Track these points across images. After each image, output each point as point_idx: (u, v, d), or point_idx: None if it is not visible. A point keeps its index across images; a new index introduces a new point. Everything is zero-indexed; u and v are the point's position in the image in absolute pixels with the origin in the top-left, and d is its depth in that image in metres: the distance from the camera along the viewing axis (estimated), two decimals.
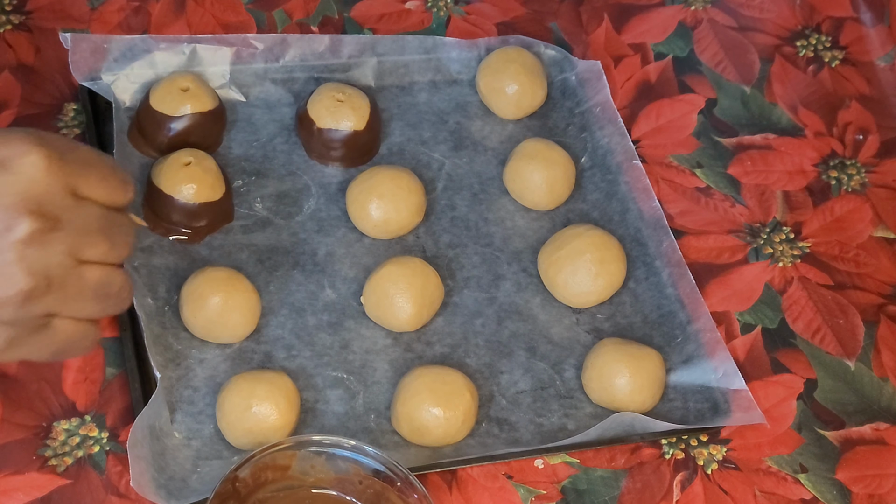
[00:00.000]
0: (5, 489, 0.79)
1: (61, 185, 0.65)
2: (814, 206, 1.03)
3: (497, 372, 0.89)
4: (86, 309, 0.68)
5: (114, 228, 0.68)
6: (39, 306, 0.65)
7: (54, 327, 0.67)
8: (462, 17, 1.11)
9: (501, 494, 0.84)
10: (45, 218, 0.64)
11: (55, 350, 0.68)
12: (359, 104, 0.97)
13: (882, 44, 1.16)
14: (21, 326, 0.65)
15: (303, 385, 0.86)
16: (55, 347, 0.68)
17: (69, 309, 0.67)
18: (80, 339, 0.69)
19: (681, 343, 0.91)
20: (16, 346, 0.66)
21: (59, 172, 0.65)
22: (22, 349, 0.67)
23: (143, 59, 0.98)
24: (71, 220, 0.65)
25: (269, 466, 0.77)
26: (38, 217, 0.63)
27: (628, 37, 1.13)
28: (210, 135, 0.96)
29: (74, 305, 0.67)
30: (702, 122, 1.07)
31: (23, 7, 1.04)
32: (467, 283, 0.94)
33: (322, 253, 0.93)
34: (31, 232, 0.63)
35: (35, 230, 0.63)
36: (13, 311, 0.64)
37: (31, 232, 0.63)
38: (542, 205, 0.98)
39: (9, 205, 0.63)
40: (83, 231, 0.66)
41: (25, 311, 0.65)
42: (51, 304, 0.66)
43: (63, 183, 0.65)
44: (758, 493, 0.86)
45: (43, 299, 0.65)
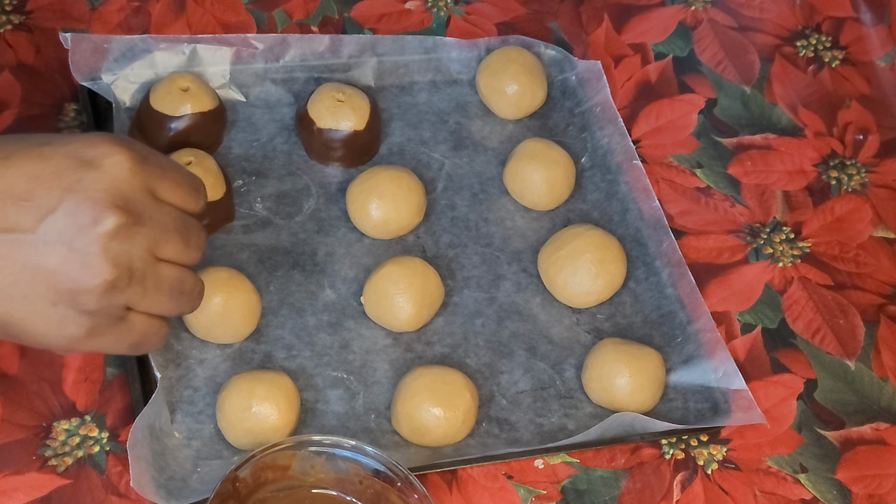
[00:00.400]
0: (5, 489, 0.79)
1: (143, 185, 0.69)
2: (814, 206, 1.03)
3: (497, 372, 0.89)
4: (161, 304, 0.71)
5: (188, 231, 0.72)
6: (120, 298, 0.68)
7: (131, 321, 0.71)
8: (462, 17, 1.11)
9: (501, 494, 0.84)
10: (129, 213, 0.67)
11: (131, 343, 0.72)
12: (359, 104, 0.97)
13: (882, 44, 1.16)
14: (102, 316, 0.68)
15: (303, 385, 0.86)
16: (131, 340, 0.71)
17: (146, 303, 0.70)
18: (154, 334, 0.73)
19: (681, 343, 0.91)
20: (96, 336, 0.69)
21: (141, 173, 0.68)
22: (101, 340, 0.70)
23: (143, 59, 0.98)
24: (151, 218, 0.69)
25: (269, 466, 0.77)
26: (123, 212, 0.67)
27: (628, 37, 1.13)
28: (210, 135, 0.96)
29: (151, 300, 0.70)
30: (702, 122, 1.07)
31: (23, 7, 1.04)
32: (467, 283, 0.94)
33: (322, 253, 0.93)
34: (116, 225, 0.67)
35: (120, 224, 0.67)
36: (96, 301, 0.67)
37: (117, 226, 0.67)
38: (542, 205, 0.98)
39: (96, 199, 0.66)
40: (162, 229, 0.70)
41: (107, 302, 0.68)
42: (130, 296, 0.69)
43: (144, 183, 0.69)
44: (758, 493, 0.86)
45: (124, 291, 0.68)
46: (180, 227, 0.71)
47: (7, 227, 0.66)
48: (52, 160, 0.67)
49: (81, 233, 0.66)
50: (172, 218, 0.71)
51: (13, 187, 0.66)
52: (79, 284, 0.67)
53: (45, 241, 0.66)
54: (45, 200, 0.66)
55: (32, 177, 0.66)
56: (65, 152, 0.67)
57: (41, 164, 0.67)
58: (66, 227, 0.66)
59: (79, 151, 0.68)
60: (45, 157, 0.67)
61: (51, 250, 0.66)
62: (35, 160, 0.67)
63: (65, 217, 0.66)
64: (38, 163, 0.67)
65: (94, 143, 0.68)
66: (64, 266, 0.66)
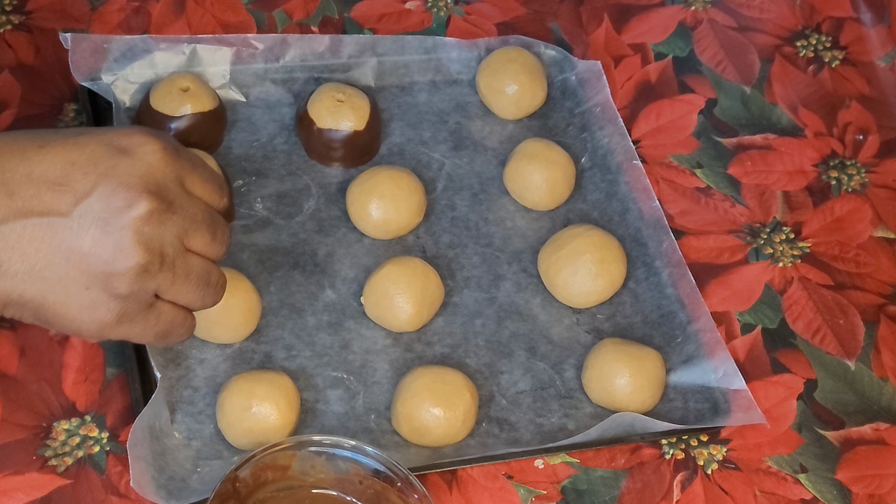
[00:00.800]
0: (5, 489, 0.79)
1: (174, 175, 0.71)
2: (814, 206, 1.03)
3: (497, 372, 0.89)
4: (188, 293, 0.73)
5: (215, 225, 0.74)
6: (151, 283, 0.70)
7: (159, 308, 0.72)
8: (462, 17, 1.11)
9: (501, 494, 0.84)
10: (162, 199, 0.69)
11: (158, 331, 0.73)
12: (359, 104, 0.97)
13: (882, 44, 1.16)
14: (132, 301, 0.70)
15: (303, 385, 0.86)
16: (159, 329, 0.73)
17: (174, 290, 0.72)
18: (180, 325, 0.75)
19: (681, 343, 0.91)
20: (126, 322, 0.71)
21: (173, 164, 0.71)
22: (130, 326, 0.71)
23: (143, 59, 0.98)
24: (182, 207, 0.71)
25: (269, 466, 0.77)
26: (156, 197, 0.69)
27: (628, 37, 1.13)
28: (210, 135, 0.96)
29: (180, 288, 0.72)
30: (702, 122, 1.07)
31: (23, 7, 1.04)
32: (467, 283, 0.94)
33: (322, 253, 0.93)
34: (149, 210, 0.68)
35: (152, 209, 0.69)
36: (128, 285, 0.69)
37: (149, 210, 0.68)
38: (542, 205, 0.98)
39: (131, 185, 0.68)
40: (191, 220, 0.71)
41: (139, 286, 0.69)
42: (160, 282, 0.71)
43: (176, 173, 0.71)
44: (758, 493, 0.86)
45: (155, 276, 0.70)
46: (208, 219, 0.73)
47: (43, 211, 0.67)
48: (87, 147, 0.69)
49: (115, 216, 0.68)
50: (201, 210, 0.73)
51: (49, 173, 0.67)
52: (112, 267, 0.68)
53: (79, 225, 0.68)
54: (81, 185, 0.68)
55: (68, 163, 0.68)
56: (100, 140, 0.69)
57: (77, 151, 0.68)
58: (100, 211, 0.68)
59: (114, 140, 0.69)
60: (81, 145, 0.69)
61: (85, 233, 0.68)
62: (71, 148, 0.69)
63: (99, 201, 0.68)
64: (73, 150, 0.68)
65: (129, 133, 0.70)
66: (97, 248, 0.68)
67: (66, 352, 0.85)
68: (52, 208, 0.67)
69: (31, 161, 0.68)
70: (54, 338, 0.86)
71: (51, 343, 0.85)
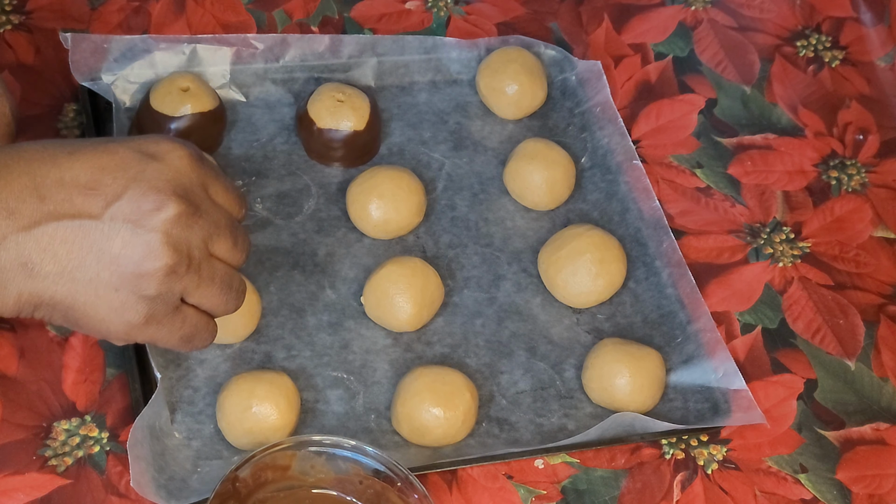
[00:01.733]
0: (5, 489, 0.79)
1: (200, 181, 0.72)
2: (814, 206, 1.03)
3: (497, 372, 0.89)
4: (212, 297, 0.74)
5: (237, 232, 0.75)
6: (178, 284, 0.71)
7: (184, 312, 0.73)
8: (462, 17, 1.11)
9: (501, 494, 0.84)
10: (189, 203, 0.71)
11: (183, 335, 0.74)
12: (359, 104, 0.97)
13: (882, 44, 1.16)
14: (160, 303, 0.71)
15: (303, 385, 0.86)
16: (183, 332, 0.74)
17: (199, 293, 0.73)
18: (203, 329, 0.75)
19: (681, 343, 0.91)
20: (152, 323, 0.72)
21: (199, 170, 0.72)
22: (157, 328, 0.72)
23: (143, 59, 0.98)
24: (207, 212, 0.72)
25: (269, 466, 0.77)
26: (184, 201, 0.70)
27: (628, 37, 1.13)
28: (210, 135, 0.96)
29: (204, 291, 0.73)
30: (702, 122, 1.07)
31: (23, 7, 1.04)
32: (467, 283, 0.94)
33: (322, 253, 0.93)
34: (177, 213, 0.70)
35: (181, 212, 0.70)
36: (156, 286, 0.70)
37: (178, 213, 0.70)
38: (542, 205, 0.98)
39: (160, 188, 0.70)
40: (215, 224, 0.73)
41: (166, 287, 0.71)
42: (187, 284, 0.72)
43: (201, 179, 0.72)
44: (758, 493, 0.86)
45: (182, 278, 0.71)
46: (230, 226, 0.74)
47: (74, 214, 0.68)
48: (116, 153, 0.70)
49: (145, 218, 0.69)
50: (224, 216, 0.74)
51: (80, 177, 0.69)
52: (141, 268, 0.69)
53: (110, 227, 0.69)
54: (112, 189, 0.69)
55: (98, 168, 0.69)
56: (129, 146, 0.71)
57: (106, 156, 0.70)
58: (130, 214, 0.69)
59: (142, 146, 0.71)
60: (111, 151, 0.70)
61: (116, 235, 0.69)
62: (101, 153, 0.70)
63: (129, 203, 0.69)
64: (103, 156, 0.70)
65: (157, 141, 0.72)
66: (128, 249, 0.69)
67: (65, 353, 0.85)
68: (83, 211, 0.69)
69: (61, 166, 0.69)
70: (54, 339, 0.86)
71: (50, 344, 0.85)
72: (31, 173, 0.68)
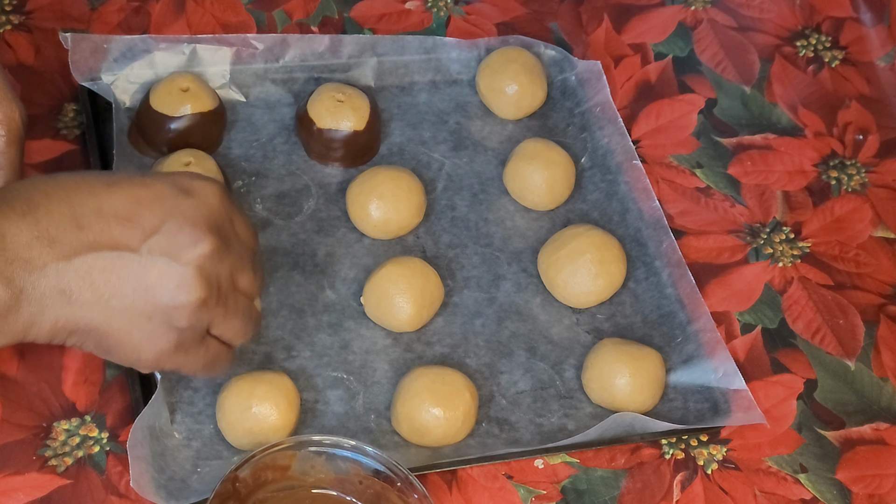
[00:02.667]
0: (5, 489, 0.79)
1: (228, 217, 0.75)
2: (814, 206, 1.03)
3: (497, 372, 0.89)
4: (235, 328, 0.77)
5: (255, 264, 0.78)
6: (207, 316, 0.74)
7: (208, 342, 0.76)
8: (462, 17, 1.11)
9: (501, 494, 0.84)
10: (221, 239, 0.73)
11: (205, 363, 0.77)
12: (359, 104, 0.97)
13: (882, 44, 1.16)
14: (189, 333, 0.74)
15: (303, 385, 0.86)
16: (205, 361, 0.77)
17: (224, 325, 0.76)
18: (223, 358, 0.78)
19: (681, 343, 0.91)
20: (181, 351, 0.74)
21: (227, 205, 0.75)
22: (185, 357, 0.75)
23: (143, 59, 0.98)
24: (233, 246, 0.75)
25: (269, 466, 0.77)
26: (217, 237, 0.73)
27: (628, 37, 1.13)
28: (210, 135, 0.96)
29: (229, 322, 0.76)
30: (702, 122, 1.07)
31: (23, 7, 1.04)
32: (467, 284, 0.94)
33: (322, 253, 0.93)
34: (211, 248, 0.72)
35: (214, 247, 0.72)
36: (188, 317, 0.73)
37: (212, 248, 0.72)
38: (542, 205, 0.98)
39: (195, 223, 0.72)
40: (240, 258, 0.76)
41: (196, 319, 0.73)
42: (215, 315, 0.74)
43: (229, 216, 0.75)
44: (758, 493, 0.86)
45: (211, 310, 0.73)
46: (251, 259, 0.77)
47: (112, 245, 0.70)
48: (153, 187, 0.72)
49: (181, 252, 0.71)
50: (246, 249, 0.77)
51: (118, 209, 0.71)
52: (175, 300, 0.72)
53: (147, 259, 0.71)
54: (149, 222, 0.71)
55: (136, 200, 0.71)
56: (164, 181, 0.73)
57: (143, 189, 0.72)
58: (167, 247, 0.71)
59: (177, 181, 0.73)
60: (147, 185, 0.72)
61: (152, 267, 0.71)
62: (138, 186, 0.72)
63: (166, 237, 0.71)
64: (140, 188, 0.72)
65: (191, 177, 0.75)
66: (163, 281, 0.71)
67: (65, 354, 0.85)
68: (120, 242, 0.70)
69: (99, 197, 0.71)
70: None
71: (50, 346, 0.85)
72: (70, 202, 0.70)
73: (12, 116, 0.82)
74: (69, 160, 0.95)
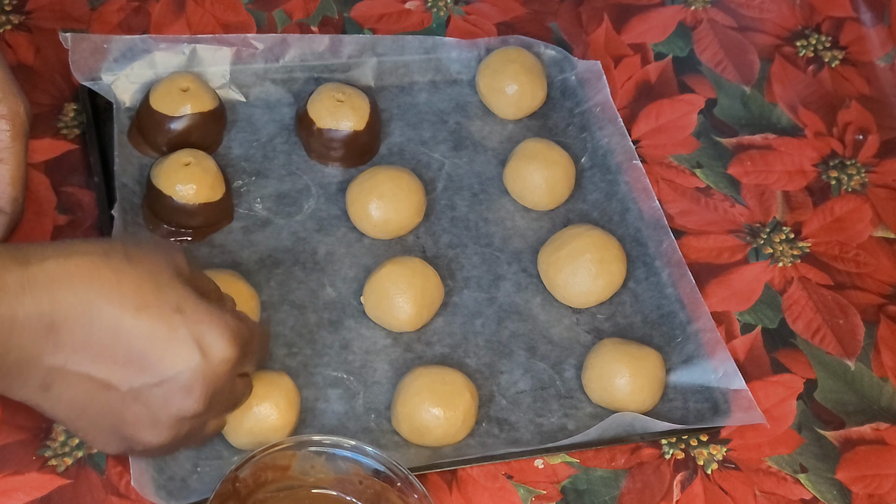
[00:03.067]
0: (5, 489, 0.79)
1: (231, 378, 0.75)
2: (814, 206, 1.03)
3: (497, 372, 0.89)
4: (227, 412, 0.79)
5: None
6: (238, 368, 0.75)
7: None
8: (462, 17, 1.11)
9: (501, 494, 0.84)
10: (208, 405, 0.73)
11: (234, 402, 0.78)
12: (359, 104, 0.97)
13: (882, 44, 1.16)
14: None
15: (303, 383, 0.86)
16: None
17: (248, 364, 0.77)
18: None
19: (681, 343, 0.91)
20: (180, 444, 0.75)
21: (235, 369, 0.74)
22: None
23: (143, 59, 0.98)
24: (224, 403, 0.77)
25: (269, 466, 0.77)
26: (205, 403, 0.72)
27: (628, 37, 1.13)
28: (210, 135, 0.96)
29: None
30: (702, 122, 1.07)
31: (23, 7, 1.04)
32: (467, 283, 0.94)
33: (322, 252, 0.93)
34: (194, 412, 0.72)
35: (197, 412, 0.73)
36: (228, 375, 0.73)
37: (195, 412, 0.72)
38: (542, 205, 0.98)
39: (191, 388, 0.71)
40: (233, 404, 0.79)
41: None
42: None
43: (233, 374, 0.75)
44: (758, 493, 0.86)
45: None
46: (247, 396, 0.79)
47: (103, 381, 0.70)
48: (177, 333, 0.70)
49: (166, 408, 0.71)
50: (248, 388, 0.79)
51: (132, 345, 0.69)
52: (144, 443, 0.73)
53: (132, 400, 0.71)
54: (150, 373, 0.70)
55: (152, 340, 0.70)
56: (188, 330, 0.70)
57: (166, 330, 0.70)
58: (152, 402, 0.71)
59: (200, 331, 0.71)
60: (169, 324, 0.70)
61: (129, 408, 0.71)
62: (158, 324, 0.70)
63: (158, 392, 0.70)
64: (164, 328, 0.70)
65: (218, 333, 0.71)
66: (136, 426, 0.72)
67: None
68: (111, 381, 0.70)
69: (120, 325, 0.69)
70: None
71: None
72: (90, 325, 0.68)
73: (17, 111, 0.82)
74: (69, 160, 0.95)
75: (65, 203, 0.92)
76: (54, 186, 0.93)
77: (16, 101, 0.82)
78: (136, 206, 0.92)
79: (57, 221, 0.91)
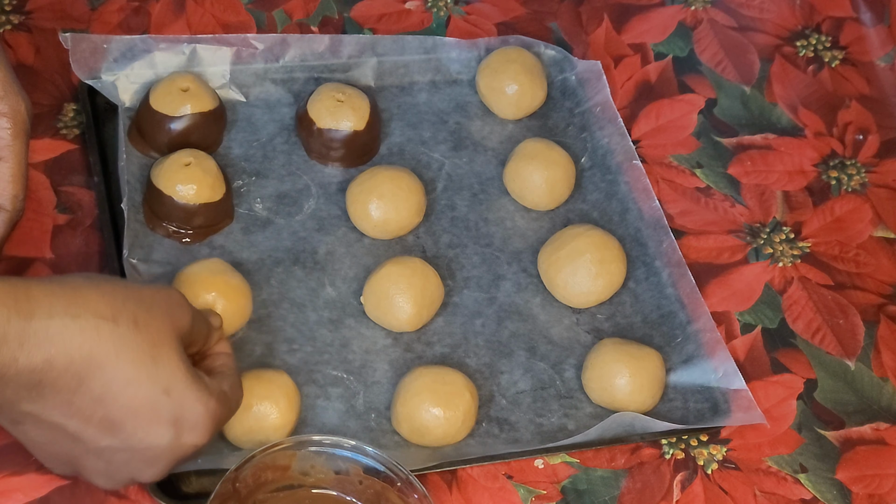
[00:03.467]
0: (5, 490, 0.79)
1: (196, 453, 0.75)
2: (814, 206, 1.03)
3: (497, 372, 0.89)
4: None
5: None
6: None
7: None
8: (462, 17, 1.11)
9: (501, 494, 0.84)
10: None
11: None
12: (359, 104, 0.97)
13: (882, 44, 1.16)
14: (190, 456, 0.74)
15: (303, 381, 0.86)
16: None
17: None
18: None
19: (681, 343, 0.91)
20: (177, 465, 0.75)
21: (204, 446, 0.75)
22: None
23: (143, 59, 0.98)
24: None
25: (269, 466, 0.77)
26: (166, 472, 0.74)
27: (628, 37, 1.13)
28: (210, 135, 0.96)
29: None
30: (702, 122, 1.07)
31: (23, 7, 1.04)
32: (467, 283, 0.94)
33: (322, 251, 0.93)
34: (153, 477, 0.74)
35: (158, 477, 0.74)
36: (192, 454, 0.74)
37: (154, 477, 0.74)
38: (542, 205, 0.98)
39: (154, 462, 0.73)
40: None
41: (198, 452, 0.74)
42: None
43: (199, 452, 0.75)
44: (758, 493, 0.86)
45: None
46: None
47: (78, 432, 0.70)
48: (159, 414, 0.70)
49: (125, 470, 0.72)
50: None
51: (112, 413, 0.69)
52: (94, 483, 0.74)
53: (97, 454, 0.71)
54: (120, 439, 0.70)
55: (134, 409, 0.70)
56: (170, 412, 0.70)
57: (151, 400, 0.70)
58: (118, 461, 0.72)
59: (181, 414, 0.71)
60: (157, 409, 0.70)
61: (96, 462, 0.72)
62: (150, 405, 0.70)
63: (124, 456, 0.71)
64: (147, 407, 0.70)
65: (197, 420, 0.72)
66: (92, 473, 0.73)
67: None
68: (84, 435, 0.70)
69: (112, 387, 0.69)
70: None
71: None
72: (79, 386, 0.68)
73: (18, 109, 0.82)
74: (69, 160, 0.95)
75: (65, 203, 0.92)
76: (54, 186, 0.93)
77: (17, 99, 0.82)
78: (136, 206, 0.92)
79: (57, 221, 0.91)
